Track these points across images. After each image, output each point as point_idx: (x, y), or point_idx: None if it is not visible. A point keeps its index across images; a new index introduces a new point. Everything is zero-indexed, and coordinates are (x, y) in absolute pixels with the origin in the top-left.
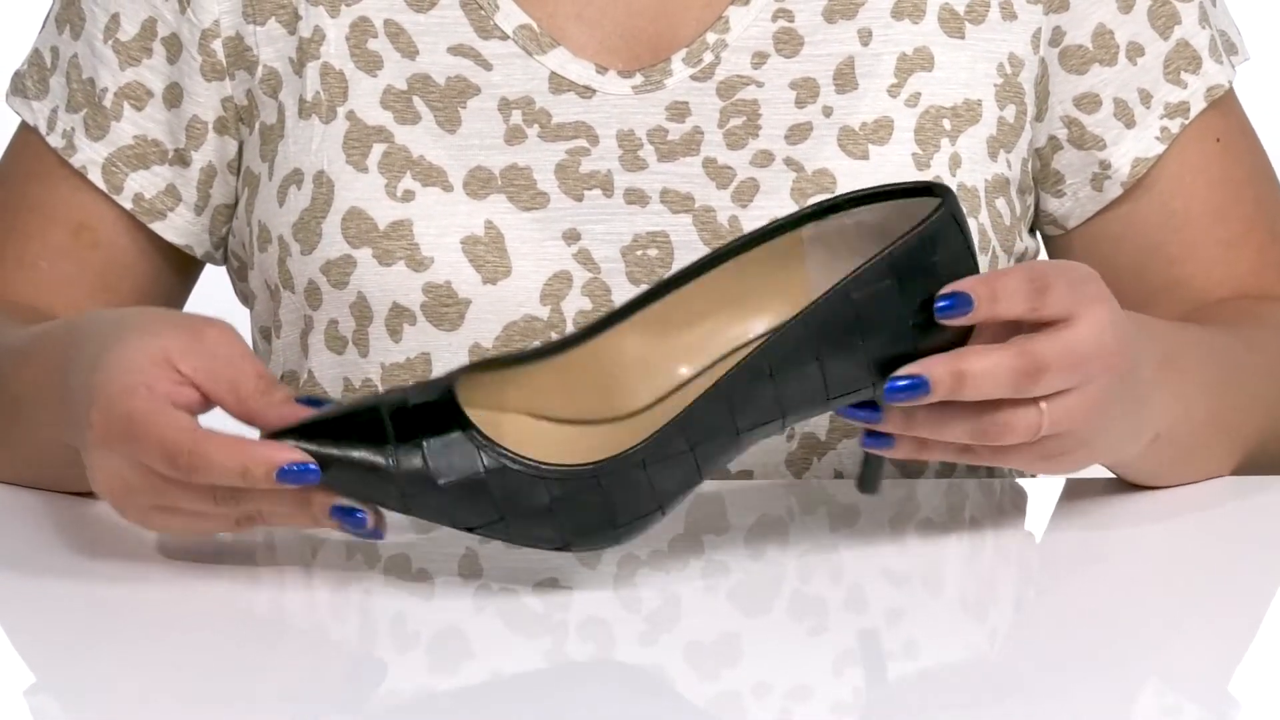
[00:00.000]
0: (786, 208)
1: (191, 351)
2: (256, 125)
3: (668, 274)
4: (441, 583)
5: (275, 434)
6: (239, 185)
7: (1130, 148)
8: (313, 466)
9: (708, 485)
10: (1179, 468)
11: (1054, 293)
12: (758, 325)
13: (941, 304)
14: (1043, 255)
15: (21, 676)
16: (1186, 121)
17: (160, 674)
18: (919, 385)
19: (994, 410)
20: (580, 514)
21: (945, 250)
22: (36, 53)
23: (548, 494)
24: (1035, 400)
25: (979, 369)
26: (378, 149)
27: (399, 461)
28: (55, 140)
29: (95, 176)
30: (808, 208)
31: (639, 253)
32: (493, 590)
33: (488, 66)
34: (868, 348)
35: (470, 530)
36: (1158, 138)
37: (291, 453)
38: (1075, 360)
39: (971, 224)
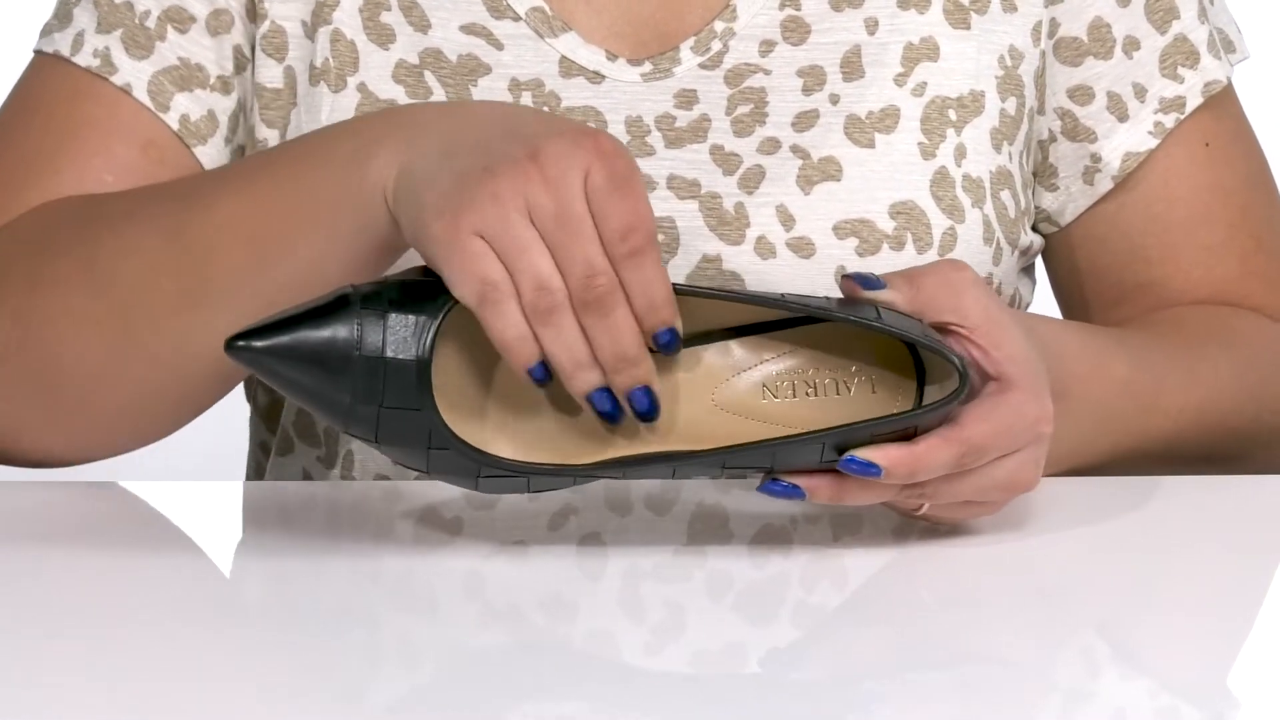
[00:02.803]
0: (793, 195)
1: None
2: (249, 75)
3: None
4: (445, 598)
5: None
6: (243, 135)
7: (1122, 141)
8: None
9: (710, 496)
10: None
11: (984, 455)
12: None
13: (850, 462)
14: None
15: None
16: (1182, 116)
17: (155, 696)
18: (873, 470)
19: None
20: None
21: (929, 422)
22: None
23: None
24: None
25: (927, 468)
26: None
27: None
28: (85, 59)
29: (141, 94)
30: (861, 319)
31: None
32: (496, 605)
33: (499, 46)
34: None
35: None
36: (1150, 132)
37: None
38: (1009, 438)
39: (977, 215)
